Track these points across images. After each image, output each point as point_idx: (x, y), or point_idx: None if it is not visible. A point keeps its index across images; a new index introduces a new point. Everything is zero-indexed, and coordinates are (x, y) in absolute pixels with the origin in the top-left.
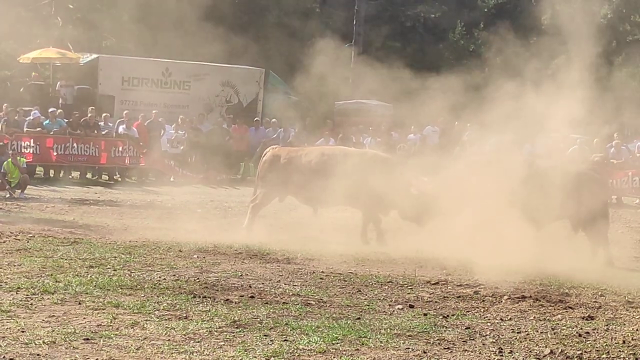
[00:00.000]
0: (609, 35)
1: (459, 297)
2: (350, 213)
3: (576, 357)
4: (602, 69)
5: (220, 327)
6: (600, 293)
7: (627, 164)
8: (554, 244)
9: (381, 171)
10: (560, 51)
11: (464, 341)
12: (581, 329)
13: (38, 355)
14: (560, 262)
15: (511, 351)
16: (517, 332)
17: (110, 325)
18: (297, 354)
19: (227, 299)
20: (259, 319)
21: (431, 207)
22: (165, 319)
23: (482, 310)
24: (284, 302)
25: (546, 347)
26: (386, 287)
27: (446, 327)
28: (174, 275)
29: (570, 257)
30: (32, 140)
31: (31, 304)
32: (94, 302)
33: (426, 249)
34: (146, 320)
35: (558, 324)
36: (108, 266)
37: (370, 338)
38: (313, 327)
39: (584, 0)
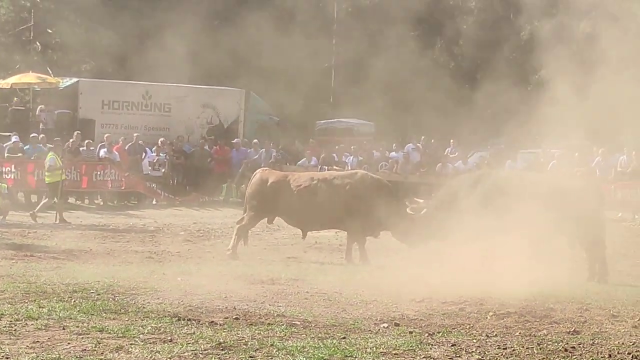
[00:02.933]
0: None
1: (444, 314)
2: (333, 232)
3: None
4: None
5: (205, 350)
6: (585, 307)
7: (609, 179)
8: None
9: (371, 192)
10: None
11: (450, 358)
12: (567, 343)
13: None
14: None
15: None
16: (503, 349)
17: (95, 350)
18: None
19: (212, 321)
20: (244, 341)
21: (427, 228)
22: (150, 343)
23: (467, 327)
24: (268, 323)
25: None
26: (371, 306)
27: (432, 345)
28: (158, 298)
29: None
30: (12, 166)
31: (15, 330)
32: (78, 327)
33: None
34: (131, 344)
35: (544, 339)
36: (91, 291)
37: (356, 357)
38: (299, 348)
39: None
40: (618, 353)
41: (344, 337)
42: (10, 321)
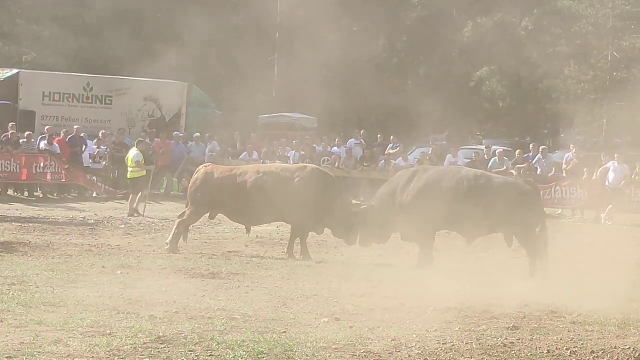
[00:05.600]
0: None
1: (385, 309)
2: (275, 227)
3: None
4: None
5: (144, 343)
6: (524, 303)
7: (550, 177)
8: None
9: (321, 187)
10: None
11: (390, 353)
12: (506, 339)
13: None
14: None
15: None
16: (443, 344)
17: (33, 343)
18: None
19: (152, 315)
20: (183, 335)
21: (366, 224)
22: (89, 336)
23: (407, 322)
24: (209, 317)
25: (472, 357)
26: (312, 301)
27: (372, 340)
28: (98, 291)
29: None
30: None
31: None
32: (16, 320)
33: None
34: (69, 338)
35: (483, 334)
36: (30, 283)
37: (296, 352)
38: (239, 342)
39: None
40: (557, 349)
41: (285, 332)
42: None
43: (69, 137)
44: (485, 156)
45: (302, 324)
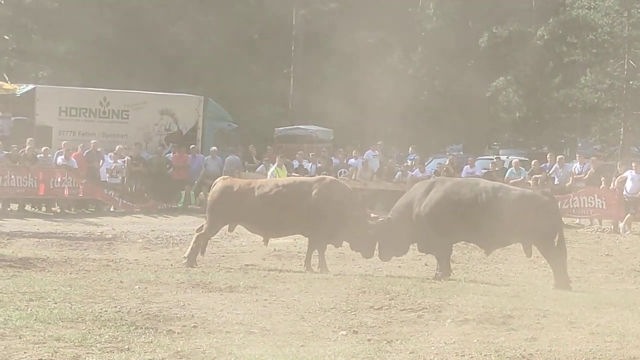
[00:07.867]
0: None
1: (403, 321)
2: (292, 239)
3: None
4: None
5: (163, 358)
6: (542, 314)
7: (567, 187)
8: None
9: (340, 199)
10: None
11: None
12: (524, 350)
13: None
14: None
15: None
16: (461, 356)
17: (52, 359)
18: None
19: (170, 330)
20: (202, 349)
21: (386, 237)
22: (107, 352)
23: (425, 334)
24: (227, 331)
25: None
26: (330, 314)
27: (390, 352)
28: (116, 306)
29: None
30: None
31: None
32: (34, 336)
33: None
34: (88, 353)
35: (502, 346)
36: (48, 299)
37: None
38: (257, 356)
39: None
40: None
41: (303, 345)
42: None
43: (86, 151)
44: (499, 166)
45: (320, 337)
